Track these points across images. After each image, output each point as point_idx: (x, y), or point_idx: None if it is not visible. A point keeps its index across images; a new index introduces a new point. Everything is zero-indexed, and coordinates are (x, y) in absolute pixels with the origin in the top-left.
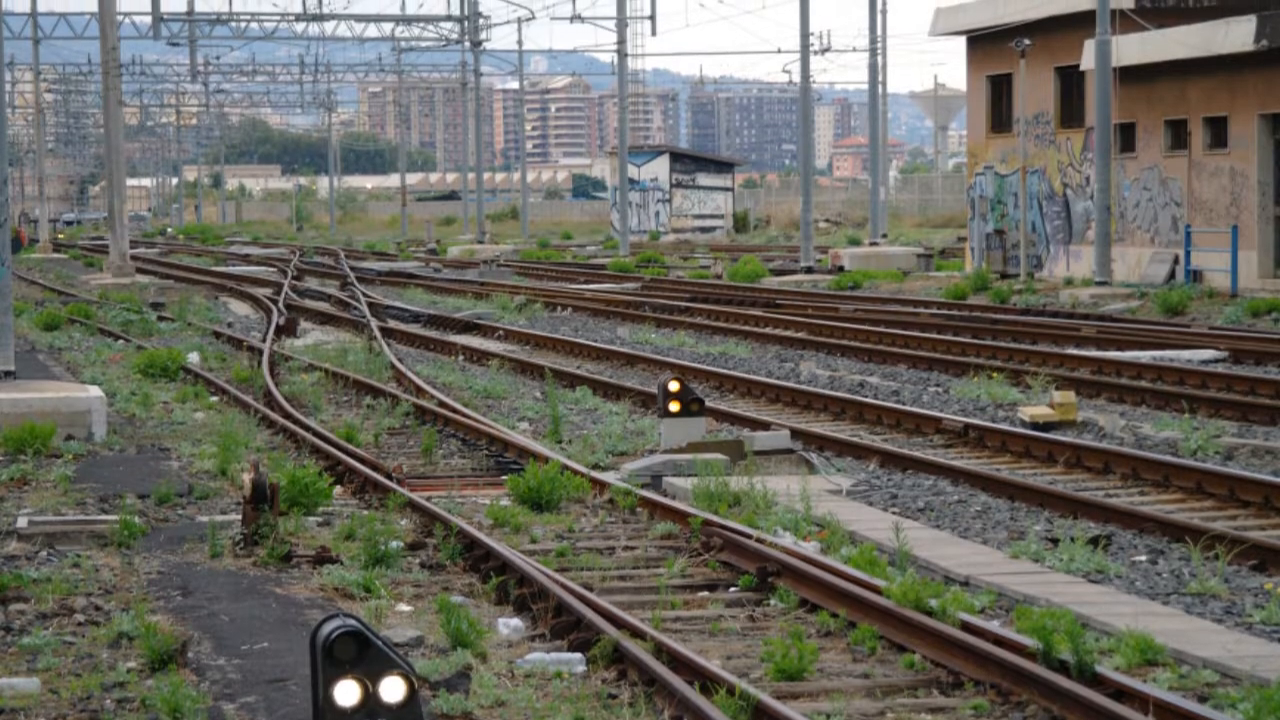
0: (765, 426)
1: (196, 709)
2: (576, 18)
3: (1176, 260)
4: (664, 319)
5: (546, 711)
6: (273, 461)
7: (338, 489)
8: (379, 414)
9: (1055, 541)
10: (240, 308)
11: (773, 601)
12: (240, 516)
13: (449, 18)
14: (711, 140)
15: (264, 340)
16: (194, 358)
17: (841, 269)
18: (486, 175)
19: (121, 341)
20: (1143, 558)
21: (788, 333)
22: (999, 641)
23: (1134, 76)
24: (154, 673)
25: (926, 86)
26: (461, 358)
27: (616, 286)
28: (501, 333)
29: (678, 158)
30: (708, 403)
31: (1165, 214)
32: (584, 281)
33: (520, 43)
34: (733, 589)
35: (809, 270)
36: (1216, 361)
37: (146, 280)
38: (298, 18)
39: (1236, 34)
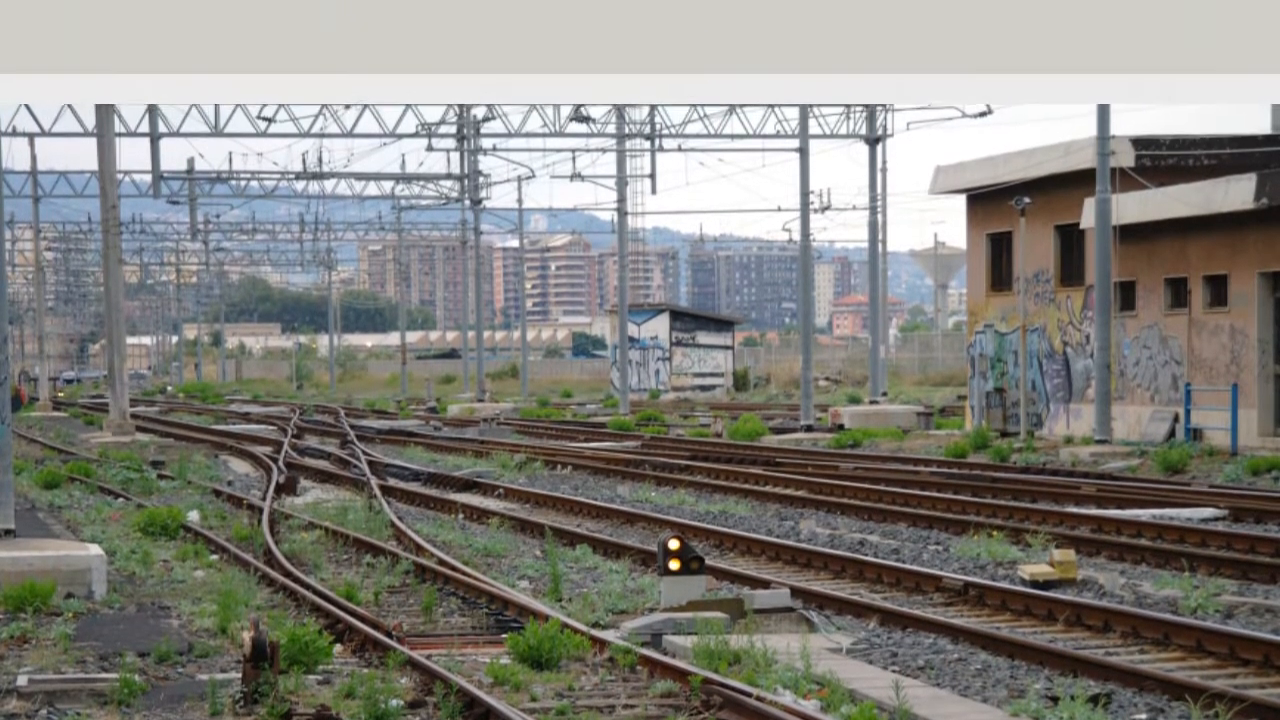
0: (765, 585)
1: None
2: (577, 176)
3: (1176, 418)
4: (664, 477)
5: None
6: (273, 620)
7: (338, 647)
8: (379, 572)
9: (1055, 699)
10: (240, 466)
11: None
12: (240, 674)
13: (449, 176)
14: (711, 298)
15: (264, 498)
16: (194, 516)
17: (842, 427)
18: (486, 333)
19: (121, 500)
20: (1143, 716)
21: (788, 491)
22: None
23: (1134, 234)
24: None
25: (926, 244)
26: (461, 516)
27: (616, 445)
28: (501, 491)
29: (678, 316)
30: (708, 561)
31: (1165, 372)
32: (584, 440)
33: (520, 201)
34: None
35: (809, 428)
36: (1216, 520)
37: (146, 438)
38: (298, 176)
39: (1236, 192)
